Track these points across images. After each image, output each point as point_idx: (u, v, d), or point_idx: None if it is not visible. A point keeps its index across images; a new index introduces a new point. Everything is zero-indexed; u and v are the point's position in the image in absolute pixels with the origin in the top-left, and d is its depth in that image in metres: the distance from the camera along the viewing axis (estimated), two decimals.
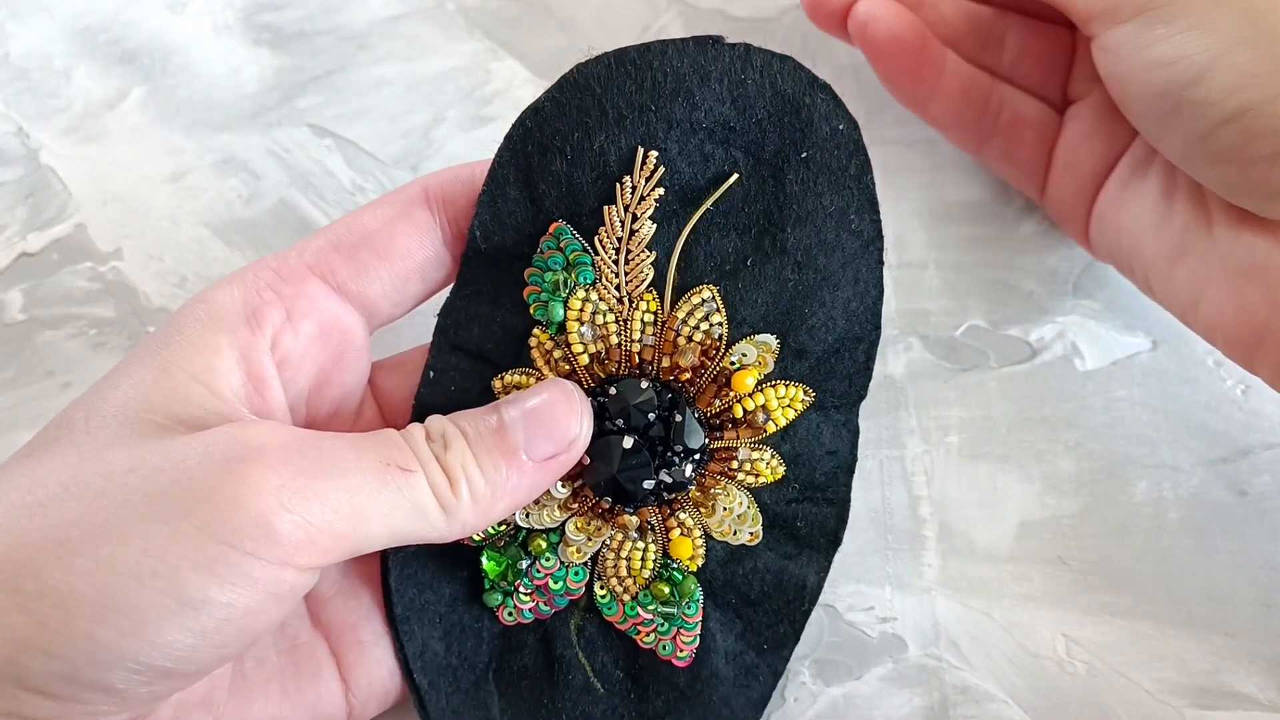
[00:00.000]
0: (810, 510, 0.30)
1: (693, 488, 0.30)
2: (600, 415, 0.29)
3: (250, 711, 0.27)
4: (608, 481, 0.29)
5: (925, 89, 0.36)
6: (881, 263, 0.30)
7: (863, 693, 0.33)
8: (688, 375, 0.29)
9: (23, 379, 0.37)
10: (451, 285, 0.31)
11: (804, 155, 0.29)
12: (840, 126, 0.29)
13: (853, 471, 0.31)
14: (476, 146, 0.40)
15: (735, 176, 0.29)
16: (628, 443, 0.29)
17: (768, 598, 0.30)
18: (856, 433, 0.31)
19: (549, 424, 0.28)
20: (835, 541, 0.31)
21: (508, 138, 0.29)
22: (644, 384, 0.29)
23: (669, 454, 0.29)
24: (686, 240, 0.29)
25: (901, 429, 0.36)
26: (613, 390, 0.29)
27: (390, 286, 0.30)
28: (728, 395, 0.29)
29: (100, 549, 0.22)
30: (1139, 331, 0.37)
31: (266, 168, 0.40)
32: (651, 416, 0.29)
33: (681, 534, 0.30)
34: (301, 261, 0.29)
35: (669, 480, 0.29)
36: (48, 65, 0.42)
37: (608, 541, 0.30)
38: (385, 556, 0.30)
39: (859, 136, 0.29)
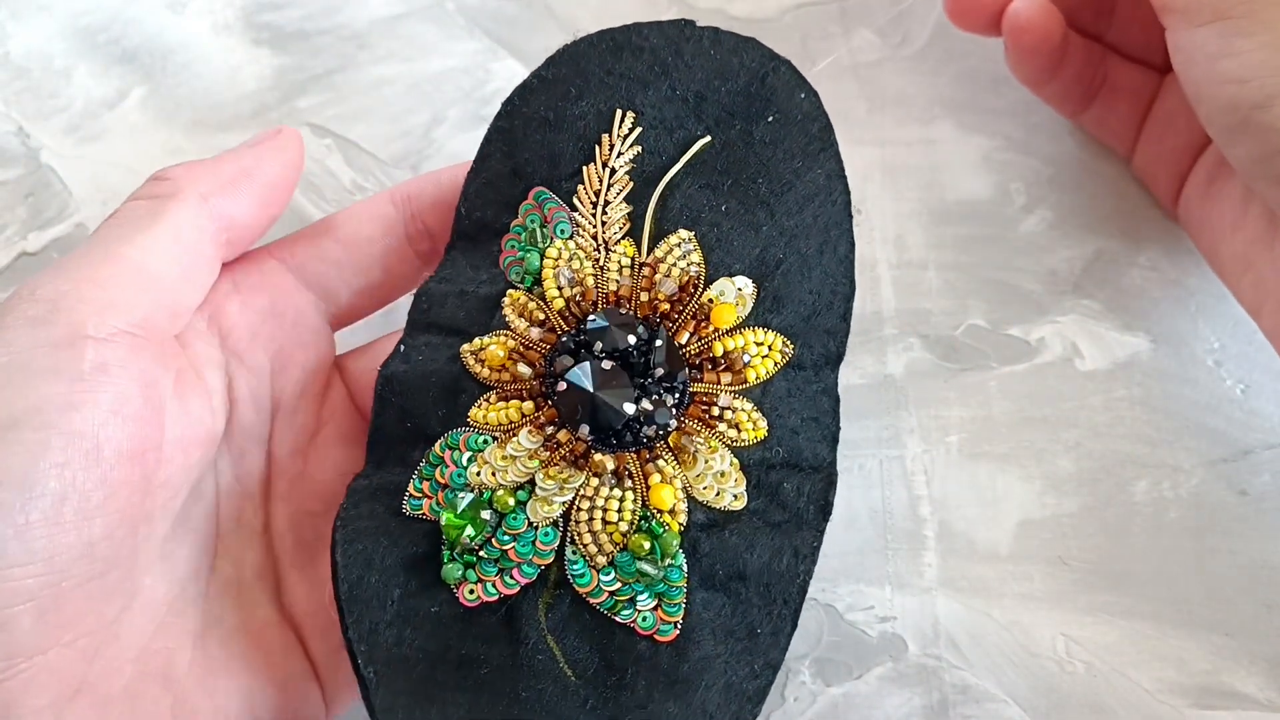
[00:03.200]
0: (798, 477, 0.29)
1: (674, 430, 0.28)
2: (577, 351, 0.28)
3: (215, 687, 0.27)
4: (585, 403, 0.27)
5: (1050, 72, 0.37)
6: (850, 218, 0.30)
7: (863, 692, 0.33)
8: (666, 308, 0.29)
9: None
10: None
11: (770, 119, 0.30)
12: (801, 96, 0.30)
13: (837, 440, 0.30)
14: (476, 146, 0.40)
15: (707, 139, 0.30)
16: (606, 365, 0.28)
17: (759, 572, 0.28)
18: (837, 400, 0.30)
19: (262, 137, 0.31)
20: (826, 510, 0.29)
21: (497, 115, 0.31)
22: (623, 310, 0.29)
23: (648, 383, 0.28)
24: (661, 194, 0.30)
25: (901, 429, 0.36)
26: (591, 318, 0.28)
27: (349, 271, 0.31)
28: (706, 330, 0.29)
29: None
30: (1139, 331, 0.37)
31: None
32: (632, 340, 0.28)
33: (661, 480, 0.27)
34: (263, 249, 0.31)
35: (648, 409, 0.28)
36: (48, 65, 0.42)
37: (581, 489, 0.27)
38: (333, 533, 0.28)
39: (820, 103, 0.31)
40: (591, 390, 0.27)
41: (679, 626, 0.27)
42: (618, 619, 0.27)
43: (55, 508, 0.23)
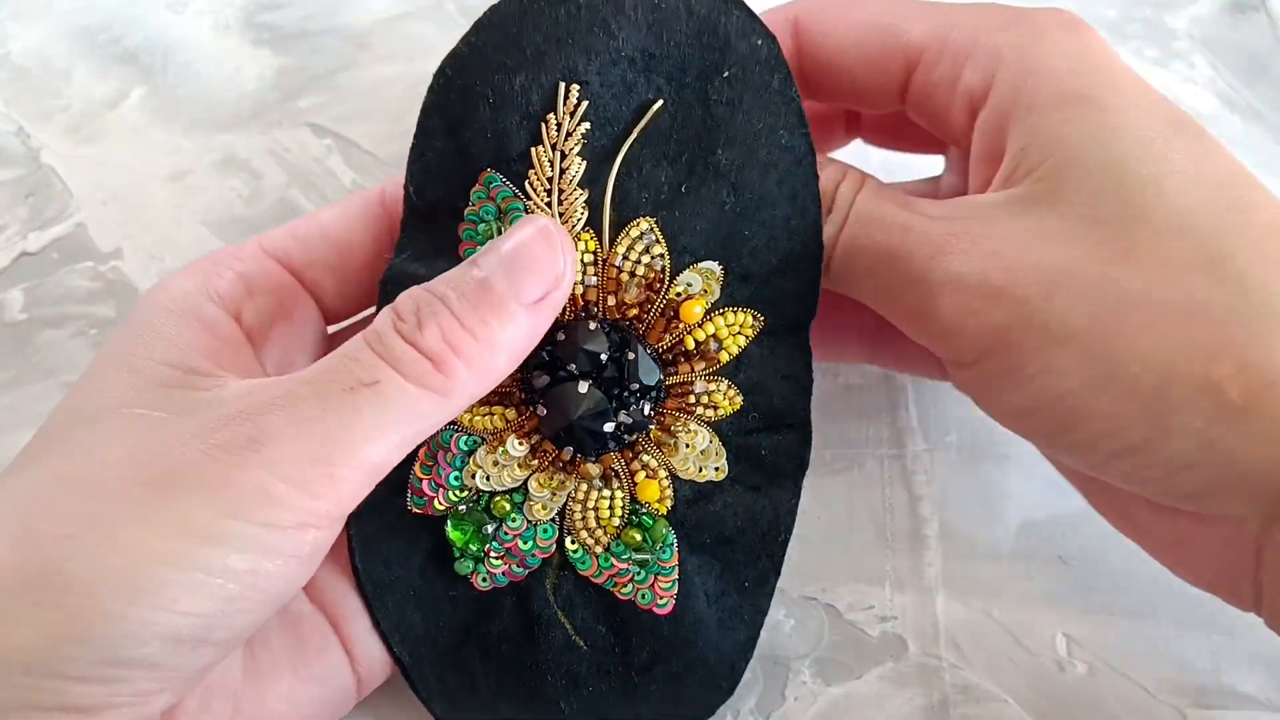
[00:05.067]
0: (773, 438, 0.30)
1: (653, 427, 0.29)
2: (551, 364, 0.28)
3: (267, 695, 0.28)
4: (566, 430, 0.28)
5: None
6: (816, 177, 0.29)
7: (863, 692, 0.33)
8: (635, 311, 0.28)
9: (23, 378, 0.37)
10: None
11: (726, 75, 0.28)
12: (758, 42, 0.28)
13: (810, 393, 0.30)
14: None
15: (659, 103, 0.28)
16: (583, 388, 0.28)
17: (742, 533, 0.29)
18: (809, 354, 0.30)
19: (531, 262, 0.26)
20: (802, 466, 0.30)
21: (430, 88, 0.29)
22: (592, 325, 0.28)
23: (625, 394, 0.28)
24: (618, 174, 0.28)
25: (902, 428, 0.36)
26: (561, 335, 0.28)
27: (341, 276, 0.31)
28: (677, 327, 0.28)
29: (116, 537, 0.23)
30: None
31: (267, 167, 0.40)
32: (604, 358, 0.28)
33: (647, 476, 0.29)
34: (258, 246, 0.30)
35: (628, 421, 0.28)
36: (48, 65, 0.42)
37: (573, 494, 0.29)
38: (348, 534, 0.29)
39: (778, 50, 0.29)
40: (571, 419, 0.28)
41: (675, 598, 0.29)
42: (619, 596, 0.29)
43: (229, 645, 0.25)
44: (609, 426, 0.28)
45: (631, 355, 0.28)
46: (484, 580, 0.29)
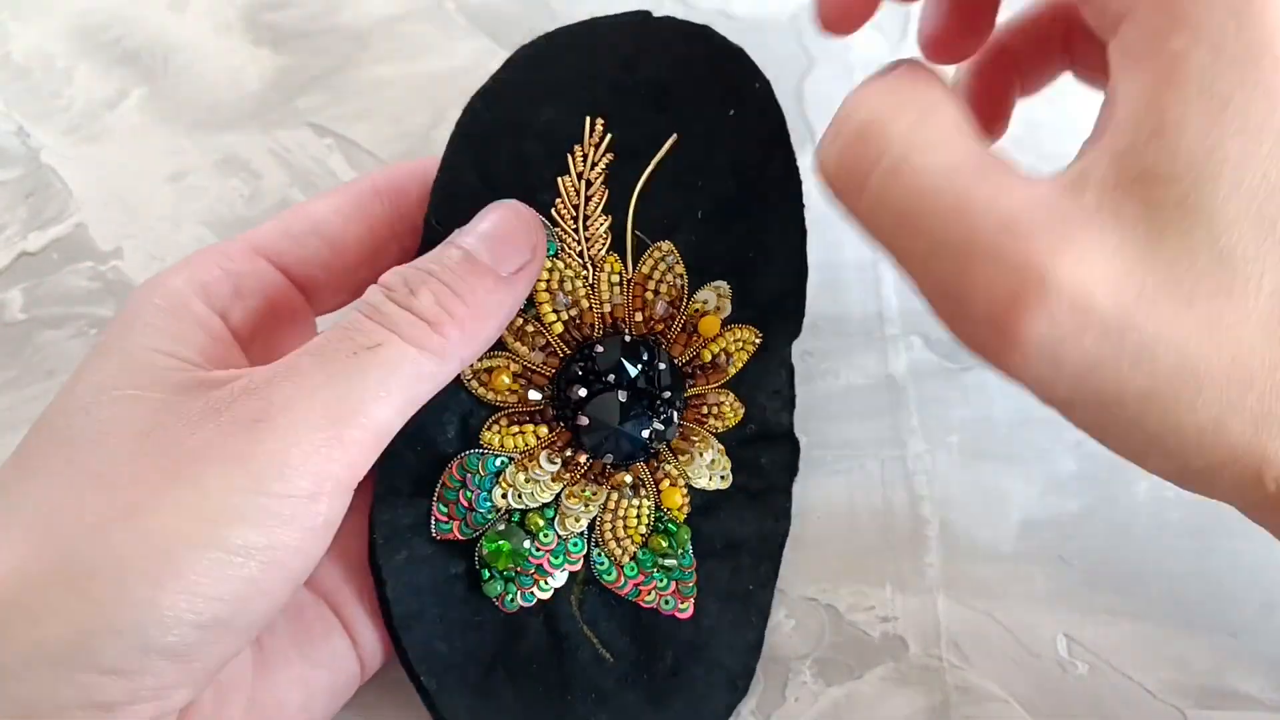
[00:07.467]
0: (770, 448, 0.32)
1: (674, 438, 0.31)
2: (585, 378, 0.30)
3: (279, 682, 0.28)
4: (610, 437, 0.30)
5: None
6: (803, 206, 0.32)
7: (864, 693, 0.33)
8: (660, 326, 0.31)
9: (23, 379, 0.37)
10: None
11: (732, 112, 0.31)
12: (758, 85, 0.31)
13: (793, 406, 0.33)
14: None
15: (675, 137, 0.31)
16: (623, 396, 0.30)
17: (747, 539, 0.32)
18: (792, 370, 0.33)
19: (509, 237, 0.28)
20: (793, 471, 0.33)
21: (459, 123, 0.30)
22: (627, 338, 0.31)
23: (657, 403, 0.31)
24: (638, 202, 0.31)
25: (903, 428, 0.36)
26: (599, 349, 0.30)
27: (336, 272, 0.31)
28: (696, 341, 0.31)
29: (136, 522, 0.23)
30: None
31: (267, 167, 0.40)
32: (640, 367, 0.30)
33: (670, 484, 0.31)
34: (248, 243, 0.30)
35: (660, 429, 0.31)
36: (49, 65, 0.42)
37: (605, 504, 0.31)
38: (378, 567, 0.30)
39: (772, 91, 0.31)
40: (616, 427, 0.30)
41: (695, 602, 0.31)
42: (642, 604, 0.30)
43: (248, 632, 0.25)
44: (647, 433, 0.30)
45: (662, 365, 0.31)
46: (511, 601, 0.30)
